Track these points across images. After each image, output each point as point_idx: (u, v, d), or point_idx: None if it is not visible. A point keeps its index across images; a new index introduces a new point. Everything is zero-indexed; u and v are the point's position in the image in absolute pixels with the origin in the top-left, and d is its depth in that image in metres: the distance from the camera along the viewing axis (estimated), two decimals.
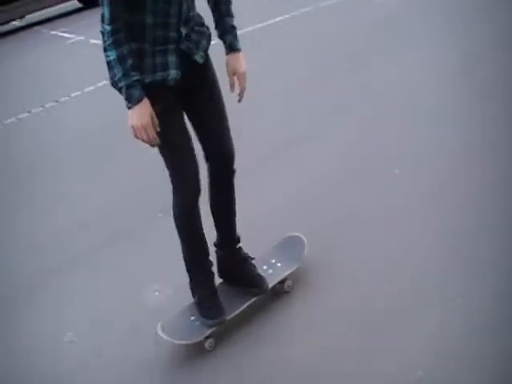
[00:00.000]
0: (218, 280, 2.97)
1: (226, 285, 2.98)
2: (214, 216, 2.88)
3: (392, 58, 5.69)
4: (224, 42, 2.66)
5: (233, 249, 2.94)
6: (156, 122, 2.42)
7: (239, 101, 2.69)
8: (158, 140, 2.45)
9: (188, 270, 2.83)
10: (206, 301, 2.79)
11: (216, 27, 2.66)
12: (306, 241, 3.10)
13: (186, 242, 2.76)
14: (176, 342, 2.76)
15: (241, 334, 2.83)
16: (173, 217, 2.73)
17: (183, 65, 2.50)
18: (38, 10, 13.21)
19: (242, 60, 2.68)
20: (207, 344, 2.75)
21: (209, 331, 2.75)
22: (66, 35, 10.96)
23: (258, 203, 3.76)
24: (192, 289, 2.85)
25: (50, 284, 3.64)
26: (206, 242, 2.81)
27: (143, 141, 2.44)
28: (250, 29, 7.60)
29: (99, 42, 2.44)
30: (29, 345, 3.15)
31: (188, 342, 2.77)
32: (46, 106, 7.11)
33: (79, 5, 13.88)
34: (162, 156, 2.61)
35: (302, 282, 3.05)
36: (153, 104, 2.40)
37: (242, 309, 2.84)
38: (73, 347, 3.04)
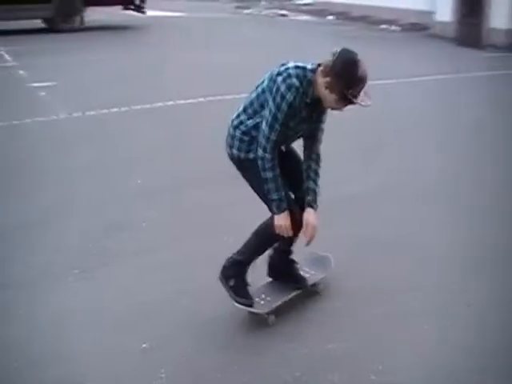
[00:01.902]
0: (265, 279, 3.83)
1: (275, 282, 3.84)
2: None
3: None
4: (305, 199, 3.49)
5: (288, 254, 3.81)
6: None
7: (306, 245, 3.51)
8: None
9: (241, 262, 3.59)
10: (243, 287, 3.59)
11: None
12: (332, 258, 4.01)
13: (261, 245, 3.61)
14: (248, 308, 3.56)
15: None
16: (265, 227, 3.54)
17: None
18: None
19: (313, 215, 3.46)
20: (270, 320, 3.57)
21: (271, 308, 3.57)
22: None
23: None
24: (234, 273, 3.57)
25: None
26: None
27: (280, 233, 3.40)
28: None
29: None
30: None
31: (254, 311, 3.56)
32: None
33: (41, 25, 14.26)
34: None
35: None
36: None
37: (288, 298, 3.69)
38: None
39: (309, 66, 3.30)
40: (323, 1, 23.23)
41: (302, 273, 3.86)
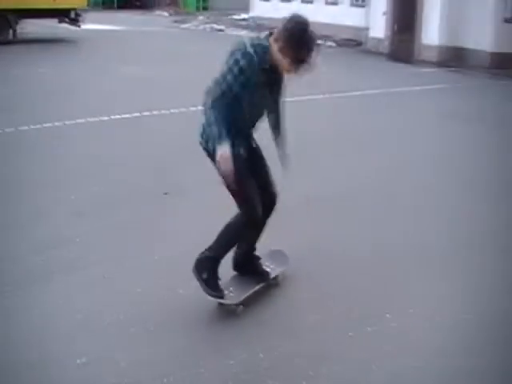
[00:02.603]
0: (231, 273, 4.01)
1: (240, 276, 4.03)
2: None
3: None
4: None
5: (252, 251, 4.02)
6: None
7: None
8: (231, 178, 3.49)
9: (212, 257, 3.74)
10: (215, 281, 3.75)
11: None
12: (287, 254, 4.26)
13: (229, 241, 3.79)
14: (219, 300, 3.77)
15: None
16: (240, 221, 3.71)
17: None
18: None
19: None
20: (238, 310, 3.77)
21: (239, 300, 3.78)
22: None
23: None
24: (207, 267, 3.73)
25: None
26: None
27: (223, 175, 3.49)
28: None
29: None
30: None
31: (225, 302, 3.76)
32: None
33: None
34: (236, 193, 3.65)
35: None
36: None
37: (253, 291, 3.89)
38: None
39: (262, 36, 3.55)
40: (260, 16, 23.51)
41: (264, 267, 4.05)
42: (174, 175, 6.10)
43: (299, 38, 3.39)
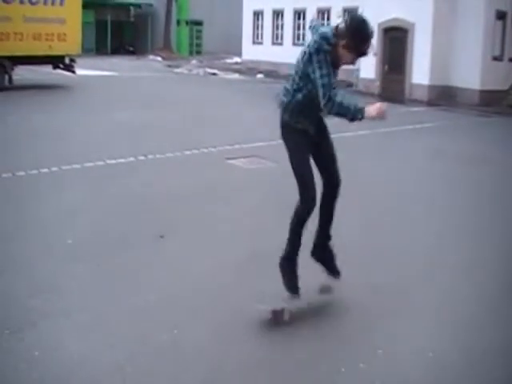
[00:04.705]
0: None
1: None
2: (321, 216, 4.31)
3: None
4: None
5: (327, 241, 4.39)
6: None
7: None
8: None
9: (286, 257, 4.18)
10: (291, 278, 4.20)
11: None
12: None
13: (294, 232, 4.14)
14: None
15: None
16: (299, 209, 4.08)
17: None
18: None
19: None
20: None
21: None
22: None
23: None
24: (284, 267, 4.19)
25: None
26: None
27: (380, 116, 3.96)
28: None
29: None
30: None
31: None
32: None
33: None
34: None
35: None
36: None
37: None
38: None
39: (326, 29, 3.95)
40: (251, 60, 23.87)
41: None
42: (170, 218, 6.15)
43: (364, 35, 3.83)
